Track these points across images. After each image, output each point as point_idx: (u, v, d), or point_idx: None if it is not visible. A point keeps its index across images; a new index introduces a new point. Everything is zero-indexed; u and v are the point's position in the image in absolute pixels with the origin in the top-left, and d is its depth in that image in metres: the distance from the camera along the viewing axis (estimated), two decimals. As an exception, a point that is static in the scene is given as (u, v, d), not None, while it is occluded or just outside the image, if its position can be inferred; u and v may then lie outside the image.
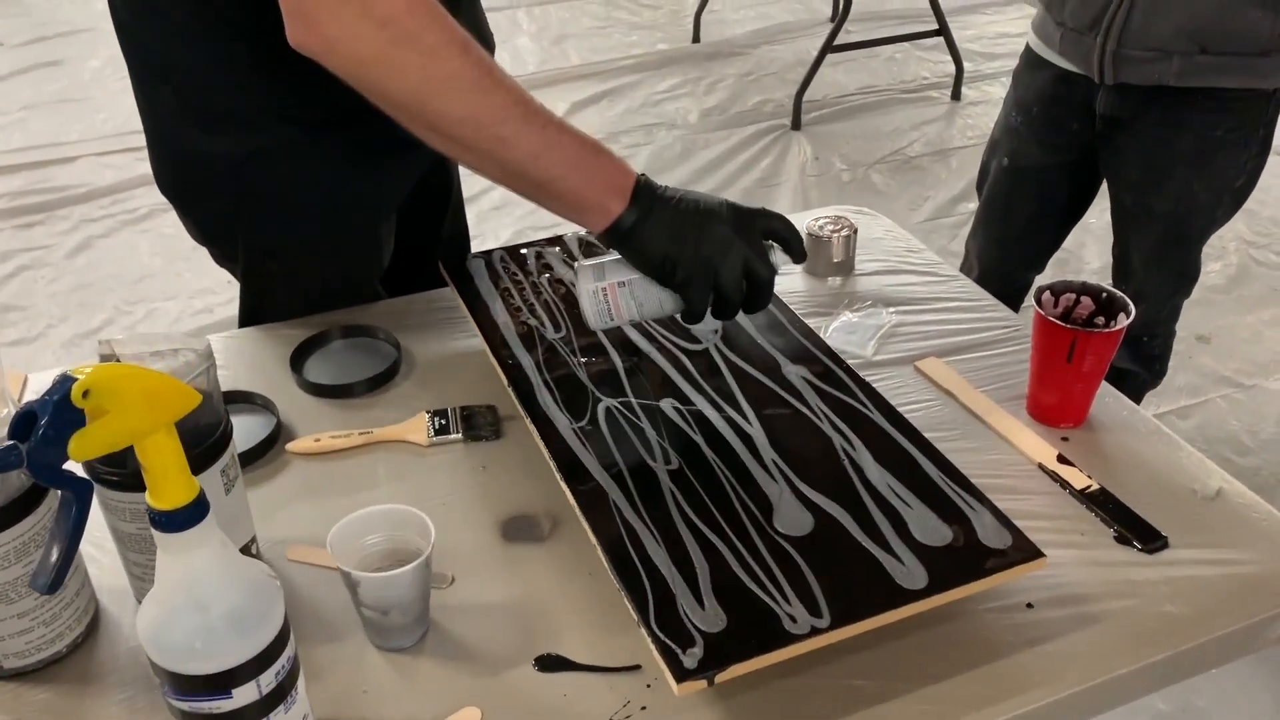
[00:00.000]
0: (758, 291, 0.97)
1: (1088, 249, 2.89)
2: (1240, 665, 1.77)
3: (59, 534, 0.62)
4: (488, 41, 1.40)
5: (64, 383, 0.58)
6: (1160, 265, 1.80)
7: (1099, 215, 2.06)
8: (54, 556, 0.61)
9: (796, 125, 3.62)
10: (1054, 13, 1.68)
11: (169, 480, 0.63)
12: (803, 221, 1.35)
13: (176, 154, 1.18)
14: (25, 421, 0.58)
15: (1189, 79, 1.57)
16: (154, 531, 0.64)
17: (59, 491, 0.67)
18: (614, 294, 0.98)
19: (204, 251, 1.30)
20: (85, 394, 0.58)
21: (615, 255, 0.99)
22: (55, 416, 0.57)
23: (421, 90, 0.89)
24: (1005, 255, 1.96)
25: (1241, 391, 2.45)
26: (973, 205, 3.20)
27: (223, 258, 1.28)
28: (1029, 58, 1.80)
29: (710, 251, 0.94)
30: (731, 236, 0.95)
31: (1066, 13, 1.65)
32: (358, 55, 0.87)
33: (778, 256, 0.99)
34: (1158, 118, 1.63)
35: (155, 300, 2.81)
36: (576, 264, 1.03)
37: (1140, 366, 1.92)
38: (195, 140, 1.15)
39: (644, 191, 0.95)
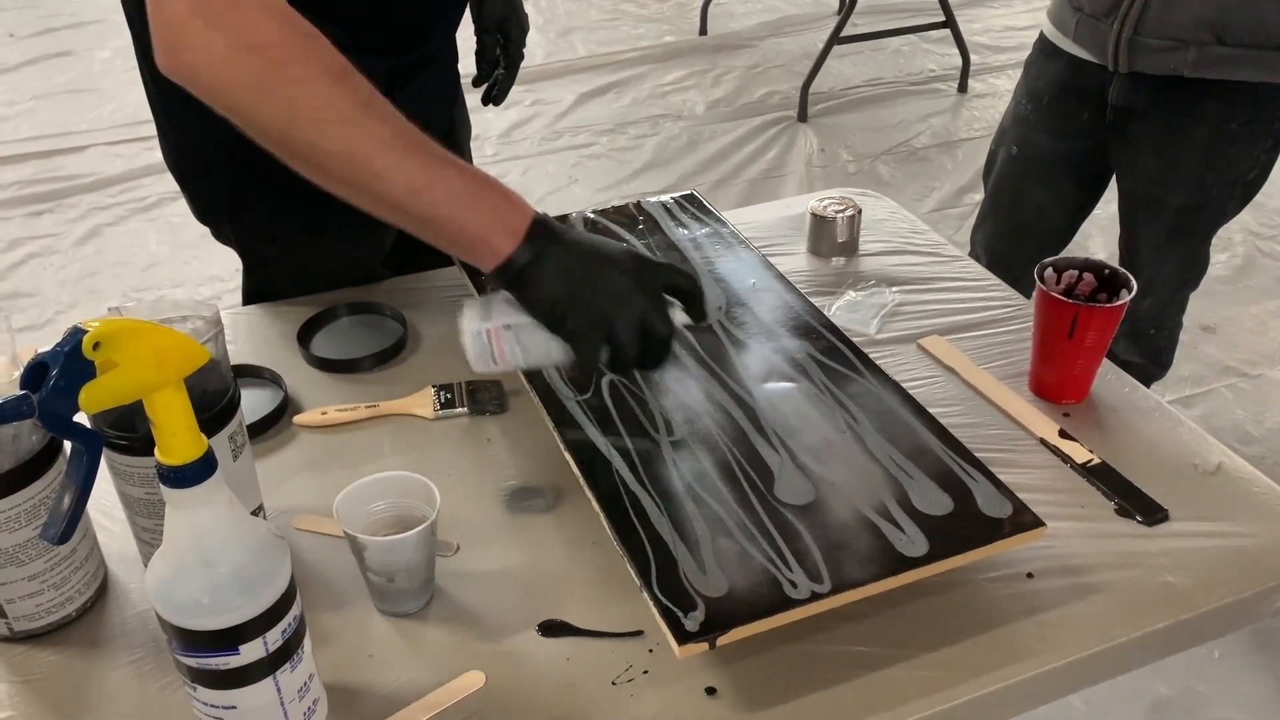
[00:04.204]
0: (654, 350, 0.91)
1: (1093, 240, 2.89)
2: (1242, 649, 1.78)
3: (69, 484, 0.63)
4: (520, 22, 1.41)
5: (75, 334, 0.59)
6: (1169, 257, 1.78)
7: (1104, 206, 2.05)
8: (64, 506, 0.62)
9: (803, 117, 3.62)
10: None
11: (178, 436, 0.64)
12: (808, 202, 1.36)
13: (177, 130, 1.19)
14: (37, 372, 0.59)
15: (1204, 70, 1.55)
16: (163, 488, 0.65)
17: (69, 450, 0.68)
18: (498, 338, 0.91)
19: (212, 240, 1.30)
20: (96, 346, 0.59)
21: (506, 295, 0.92)
22: (66, 367, 0.58)
23: (289, 120, 0.83)
24: (1013, 246, 1.94)
25: (1246, 381, 2.45)
26: (979, 196, 3.22)
27: (221, 236, 1.29)
28: (1042, 45, 1.77)
29: (605, 303, 0.88)
30: (630, 288, 0.89)
31: None
32: (222, 83, 0.83)
33: (679, 315, 0.93)
34: (1171, 109, 1.61)
35: (163, 287, 2.82)
36: (465, 300, 0.95)
37: (1146, 359, 1.92)
38: (194, 119, 1.15)
39: (540, 232, 0.88)
